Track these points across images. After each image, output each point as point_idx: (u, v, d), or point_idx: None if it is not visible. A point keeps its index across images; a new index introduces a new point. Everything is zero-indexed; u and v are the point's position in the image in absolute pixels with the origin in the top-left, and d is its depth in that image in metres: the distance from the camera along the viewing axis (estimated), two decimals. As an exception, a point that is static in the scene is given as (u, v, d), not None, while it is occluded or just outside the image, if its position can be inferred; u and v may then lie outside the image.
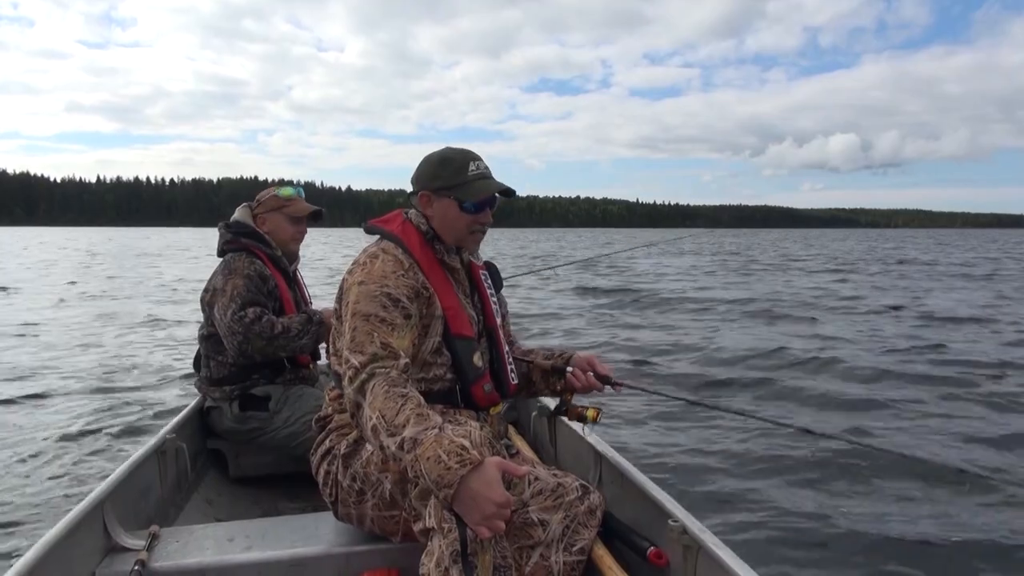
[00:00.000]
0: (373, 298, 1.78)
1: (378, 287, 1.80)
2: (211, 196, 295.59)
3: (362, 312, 1.77)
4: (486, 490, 1.49)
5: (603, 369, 2.13)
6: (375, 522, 1.93)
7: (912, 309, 12.88)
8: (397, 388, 1.64)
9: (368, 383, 1.67)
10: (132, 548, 1.97)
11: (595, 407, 2.12)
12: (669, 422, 5.32)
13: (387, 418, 1.59)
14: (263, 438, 2.85)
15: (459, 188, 1.93)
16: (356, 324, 1.76)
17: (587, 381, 2.11)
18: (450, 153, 1.98)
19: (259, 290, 2.83)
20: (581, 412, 2.11)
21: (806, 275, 22.65)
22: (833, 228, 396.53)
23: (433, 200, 1.96)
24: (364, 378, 1.68)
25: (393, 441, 1.57)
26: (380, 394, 1.63)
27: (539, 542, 1.73)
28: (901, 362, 7.68)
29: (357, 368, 1.69)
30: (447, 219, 1.96)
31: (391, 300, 1.79)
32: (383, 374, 1.67)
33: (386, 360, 1.70)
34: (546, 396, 2.29)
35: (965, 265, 28.87)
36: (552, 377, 2.19)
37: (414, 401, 1.62)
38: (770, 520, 3.59)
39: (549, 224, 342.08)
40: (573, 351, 2.21)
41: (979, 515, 3.65)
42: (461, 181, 1.93)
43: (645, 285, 18.06)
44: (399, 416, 1.58)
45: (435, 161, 1.97)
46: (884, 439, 4.92)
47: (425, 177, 1.97)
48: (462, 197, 1.93)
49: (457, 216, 1.95)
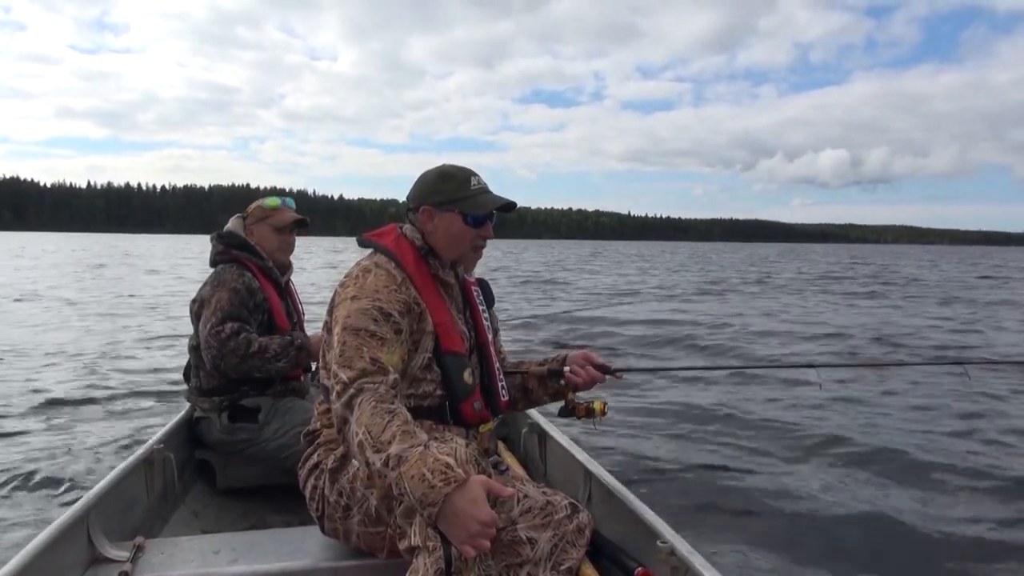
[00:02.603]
0: (364, 312, 1.78)
1: (370, 302, 1.80)
2: (202, 203, 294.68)
3: (352, 326, 1.76)
4: (471, 508, 1.49)
5: (600, 361, 2.16)
6: (361, 538, 1.92)
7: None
8: (384, 404, 1.64)
9: (356, 398, 1.66)
10: (116, 559, 1.96)
11: (600, 400, 2.15)
12: (660, 432, 5.33)
13: (373, 434, 1.59)
14: (251, 450, 2.84)
15: (462, 202, 1.94)
16: (346, 339, 1.75)
17: (588, 375, 2.14)
18: (450, 169, 2.00)
19: (244, 304, 2.81)
20: (588, 407, 2.14)
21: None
22: (823, 243, 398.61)
23: (435, 215, 1.96)
24: (352, 393, 1.67)
25: (379, 457, 1.56)
26: (367, 410, 1.63)
27: (527, 560, 1.72)
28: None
29: (346, 383, 1.69)
30: (449, 233, 1.96)
31: (382, 314, 1.79)
32: (371, 390, 1.67)
33: (375, 376, 1.70)
34: (545, 402, 2.30)
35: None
36: (550, 381, 2.20)
37: (401, 418, 1.62)
38: (761, 542, 3.56)
39: (541, 235, 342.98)
40: (566, 352, 2.23)
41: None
42: (464, 195, 1.95)
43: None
44: (385, 432, 1.58)
45: (436, 176, 1.98)
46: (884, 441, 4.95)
47: (426, 192, 1.97)
48: (466, 210, 1.94)
49: (461, 230, 1.96)
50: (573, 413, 2.17)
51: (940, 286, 25.33)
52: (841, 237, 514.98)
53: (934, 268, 43.12)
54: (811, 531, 3.69)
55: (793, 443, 5.21)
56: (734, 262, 50.69)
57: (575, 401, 2.18)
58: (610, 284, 24.64)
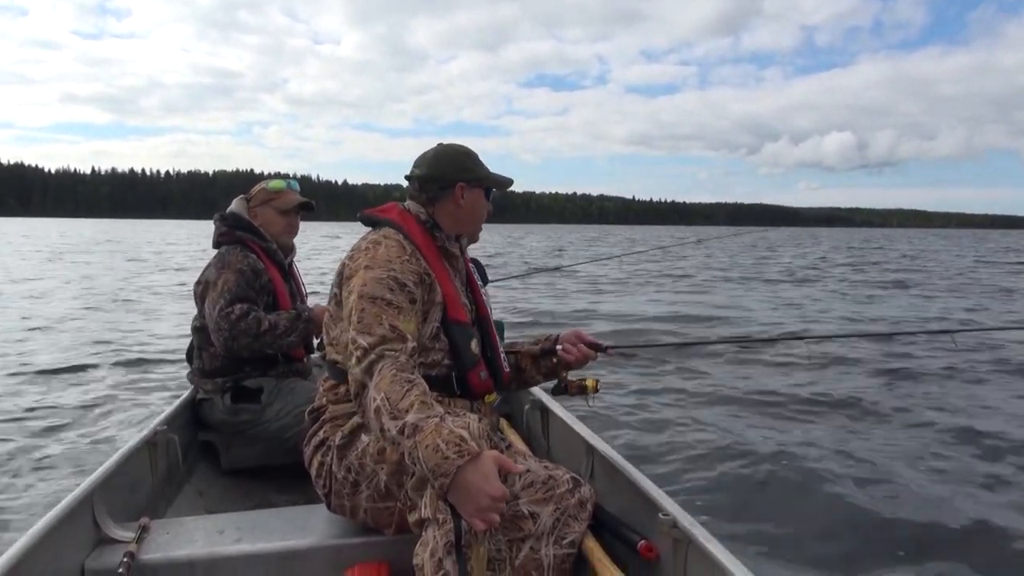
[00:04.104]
0: (380, 281, 1.79)
1: (384, 271, 1.81)
2: (206, 188, 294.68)
3: (369, 295, 1.77)
4: (481, 482, 1.49)
5: (591, 339, 2.20)
6: (369, 514, 1.93)
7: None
8: (404, 373, 1.64)
9: (376, 364, 1.66)
10: (122, 540, 1.97)
11: (593, 378, 2.20)
12: (659, 410, 5.34)
13: (392, 401, 1.58)
14: (255, 430, 2.84)
15: (487, 179, 2.07)
16: (364, 306, 1.75)
17: (580, 352, 2.18)
18: (464, 147, 2.10)
19: (250, 285, 2.82)
20: (580, 384, 2.19)
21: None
22: (829, 227, 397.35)
23: (466, 191, 2.02)
24: (373, 359, 1.67)
25: (395, 424, 1.56)
26: (388, 376, 1.62)
27: (529, 535, 1.73)
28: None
29: (366, 348, 1.69)
30: (475, 209, 2.06)
31: (397, 284, 1.80)
32: (392, 357, 1.67)
33: (395, 342, 1.70)
34: (538, 382, 2.33)
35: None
36: (542, 360, 2.24)
37: (420, 388, 1.62)
38: (761, 513, 3.59)
39: (546, 220, 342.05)
40: (557, 332, 2.25)
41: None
42: (487, 172, 2.08)
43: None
44: (404, 400, 1.58)
45: (463, 153, 2.07)
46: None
47: (459, 168, 2.04)
48: (491, 186, 2.08)
49: (484, 205, 2.08)
50: (566, 391, 2.21)
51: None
52: (847, 221, 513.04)
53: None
54: (811, 502, 3.72)
55: (791, 414, 5.23)
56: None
57: (568, 379, 2.21)
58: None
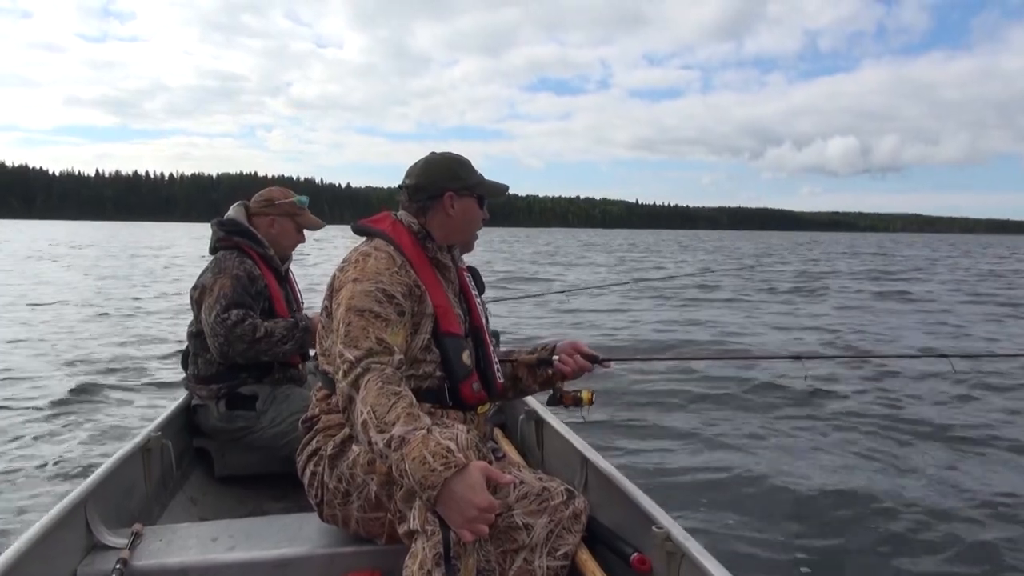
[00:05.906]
0: (367, 294, 1.79)
1: (372, 283, 1.80)
2: (210, 191, 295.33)
3: (357, 307, 1.76)
4: (469, 493, 1.48)
5: (588, 350, 2.18)
6: (360, 523, 1.92)
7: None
8: (391, 386, 1.64)
9: (363, 378, 1.66)
10: (114, 546, 1.96)
11: (588, 389, 2.17)
12: (655, 422, 5.32)
13: (378, 414, 1.58)
14: (249, 437, 2.83)
15: (479, 186, 2.04)
16: (351, 319, 1.75)
17: (577, 364, 2.16)
18: (455, 155, 2.07)
19: (246, 291, 2.81)
20: (575, 396, 2.16)
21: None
22: (832, 232, 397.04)
23: (455, 200, 2.00)
24: (359, 372, 1.67)
25: (381, 438, 1.56)
26: (374, 390, 1.62)
27: (523, 546, 1.72)
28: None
29: (352, 362, 1.69)
30: (467, 217, 2.04)
31: (386, 296, 1.80)
32: (378, 370, 1.67)
33: (381, 355, 1.70)
34: (534, 391, 2.31)
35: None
36: (539, 370, 2.22)
37: (406, 400, 1.62)
38: (756, 527, 3.57)
39: (549, 224, 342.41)
40: (555, 341, 2.24)
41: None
42: (478, 180, 2.05)
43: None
44: (390, 413, 1.57)
45: (451, 162, 2.04)
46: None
47: (446, 177, 2.01)
48: (483, 194, 2.06)
49: (476, 213, 2.06)
50: (561, 402, 2.18)
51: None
52: (850, 226, 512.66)
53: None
54: (805, 516, 3.70)
55: (787, 430, 5.23)
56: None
57: (563, 390, 2.18)
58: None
